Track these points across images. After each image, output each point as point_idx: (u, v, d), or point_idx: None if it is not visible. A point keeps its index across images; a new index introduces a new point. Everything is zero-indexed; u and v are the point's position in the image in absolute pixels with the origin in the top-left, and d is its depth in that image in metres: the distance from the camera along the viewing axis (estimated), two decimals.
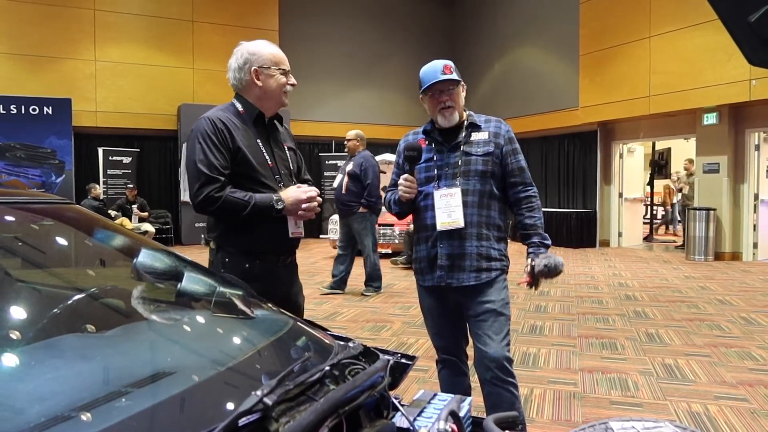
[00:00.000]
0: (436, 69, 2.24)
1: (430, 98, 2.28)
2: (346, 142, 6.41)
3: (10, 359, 1.02)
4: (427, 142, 2.31)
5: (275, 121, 2.17)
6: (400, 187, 2.24)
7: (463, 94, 2.32)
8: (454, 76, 2.23)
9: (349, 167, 6.25)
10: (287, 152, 2.18)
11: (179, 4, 12.22)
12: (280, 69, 2.07)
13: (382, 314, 5.64)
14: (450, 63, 2.26)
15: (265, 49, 2.07)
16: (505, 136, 2.30)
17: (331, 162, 13.98)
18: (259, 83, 2.05)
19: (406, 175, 2.23)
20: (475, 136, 2.28)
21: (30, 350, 1.08)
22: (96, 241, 1.58)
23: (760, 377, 3.70)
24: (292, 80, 2.12)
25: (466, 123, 2.31)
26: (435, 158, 2.28)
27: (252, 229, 1.99)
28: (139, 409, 0.90)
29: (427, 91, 2.27)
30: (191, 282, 1.46)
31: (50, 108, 10.89)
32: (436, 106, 2.27)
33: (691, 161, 11.06)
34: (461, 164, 2.24)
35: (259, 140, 2.04)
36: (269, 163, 2.04)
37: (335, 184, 6.44)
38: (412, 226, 8.95)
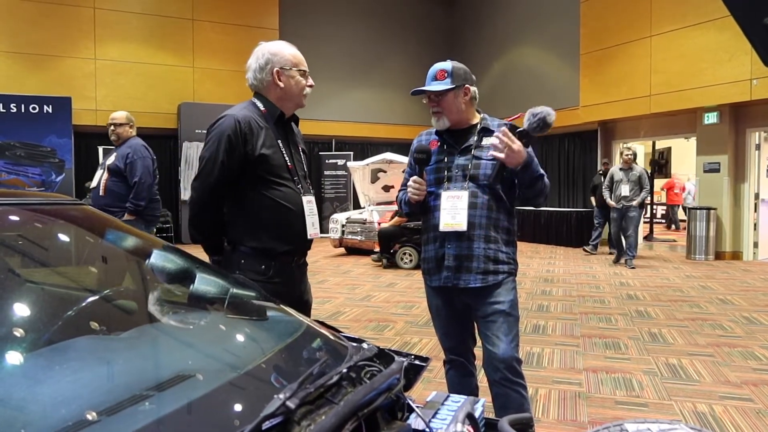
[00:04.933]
0: (430, 75, 2.27)
1: (427, 101, 2.30)
2: (112, 128, 4.57)
3: (29, 362, 1.02)
4: (439, 143, 2.31)
5: (292, 123, 2.17)
6: (409, 189, 2.26)
7: (466, 97, 2.29)
8: (444, 83, 2.22)
9: (111, 160, 4.52)
10: (301, 154, 2.19)
11: (179, 3, 12.19)
12: (300, 70, 2.08)
13: (384, 314, 5.64)
14: (446, 68, 2.24)
15: (286, 50, 2.07)
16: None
17: (331, 161, 14.00)
18: (281, 84, 2.06)
19: (414, 177, 2.24)
20: (486, 141, 2.28)
21: (48, 352, 1.07)
22: (108, 241, 1.58)
23: (763, 377, 3.70)
24: (311, 81, 2.14)
25: (479, 127, 2.31)
26: (446, 160, 2.29)
27: (271, 230, 2.00)
28: (162, 413, 0.90)
29: (419, 94, 2.29)
30: (206, 284, 1.46)
31: (50, 107, 10.86)
32: (429, 109, 2.29)
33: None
34: (471, 167, 2.24)
35: (279, 141, 2.05)
36: (289, 164, 2.05)
37: (93, 183, 4.64)
38: (383, 225, 8.76)
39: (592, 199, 10.38)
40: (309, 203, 2.08)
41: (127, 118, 4.67)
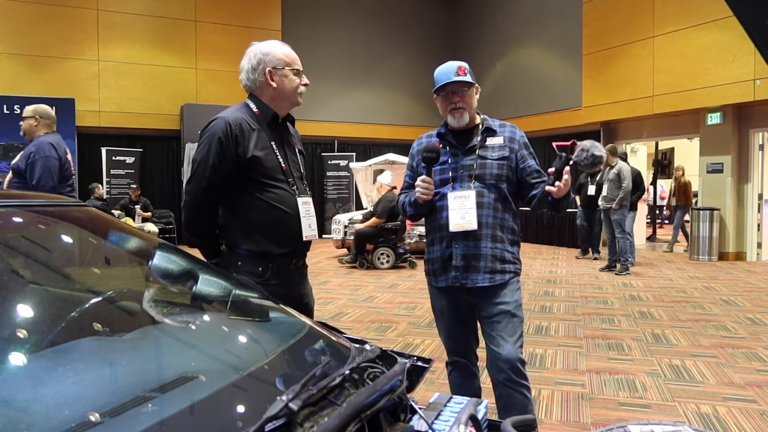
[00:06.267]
0: (450, 70, 2.25)
1: (443, 98, 2.29)
2: (21, 123, 4.25)
3: (32, 363, 1.02)
4: (441, 145, 2.31)
5: (287, 123, 2.16)
6: (417, 189, 2.23)
7: (477, 96, 2.32)
8: (468, 78, 2.24)
9: (15, 159, 4.20)
10: (298, 155, 2.18)
11: (182, 4, 12.21)
12: (293, 69, 2.06)
13: (387, 314, 5.63)
14: (465, 65, 2.26)
15: (278, 50, 2.06)
16: (520, 141, 2.32)
17: (333, 162, 14.00)
18: (274, 84, 2.04)
19: (423, 177, 2.22)
20: (491, 141, 2.29)
21: (51, 354, 1.07)
22: (111, 243, 1.58)
23: (767, 378, 3.69)
24: (305, 80, 2.11)
25: (481, 127, 2.31)
26: (449, 161, 2.29)
27: (265, 233, 1.99)
28: (164, 415, 0.90)
29: (440, 91, 2.28)
30: (208, 285, 1.46)
31: (53, 108, 10.83)
32: (447, 106, 2.28)
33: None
34: (476, 167, 2.25)
35: (273, 143, 2.03)
36: (283, 166, 2.03)
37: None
38: (357, 226, 8.75)
39: (577, 198, 10.21)
40: (305, 204, 2.06)
41: (33, 111, 4.21)
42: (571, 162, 2.08)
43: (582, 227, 9.87)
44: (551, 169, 2.10)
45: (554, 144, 2.17)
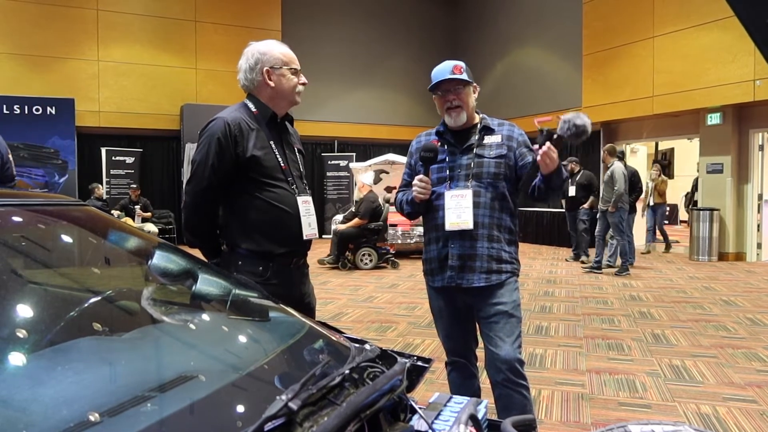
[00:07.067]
0: (445, 68, 2.25)
1: (439, 97, 2.29)
2: None
3: (31, 363, 1.02)
4: (439, 144, 2.31)
5: (286, 122, 2.16)
6: (414, 188, 2.24)
7: (475, 95, 2.32)
8: (463, 76, 2.23)
9: None
10: (297, 154, 2.17)
11: (182, 4, 12.22)
12: (291, 68, 2.06)
13: (387, 315, 5.63)
14: (461, 64, 2.26)
15: (276, 49, 2.06)
16: (519, 139, 2.31)
17: (333, 162, 14.00)
18: (271, 83, 2.04)
19: (420, 176, 2.23)
20: (488, 139, 2.29)
21: (50, 353, 1.07)
22: (111, 242, 1.58)
23: (767, 378, 3.69)
24: (303, 79, 2.11)
25: (480, 126, 2.31)
26: (447, 159, 2.29)
27: (265, 232, 1.99)
28: (164, 414, 0.89)
29: (436, 89, 2.27)
30: (208, 285, 1.46)
31: (53, 108, 10.90)
32: (443, 105, 2.28)
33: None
34: (474, 166, 2.25)
35: (272, 142, 2.03)
36: (282, 165, 2.03)
37: None
38: (338, 226, 8.71)
39: (563, 201, 9.82)
40: (305, 204, 2.06)
41: None
42: (554, 136, 1.99)
43: (572, 230, 9.68)
44: (535, 146, 2.03)
45: (536, 120, 2.12)
